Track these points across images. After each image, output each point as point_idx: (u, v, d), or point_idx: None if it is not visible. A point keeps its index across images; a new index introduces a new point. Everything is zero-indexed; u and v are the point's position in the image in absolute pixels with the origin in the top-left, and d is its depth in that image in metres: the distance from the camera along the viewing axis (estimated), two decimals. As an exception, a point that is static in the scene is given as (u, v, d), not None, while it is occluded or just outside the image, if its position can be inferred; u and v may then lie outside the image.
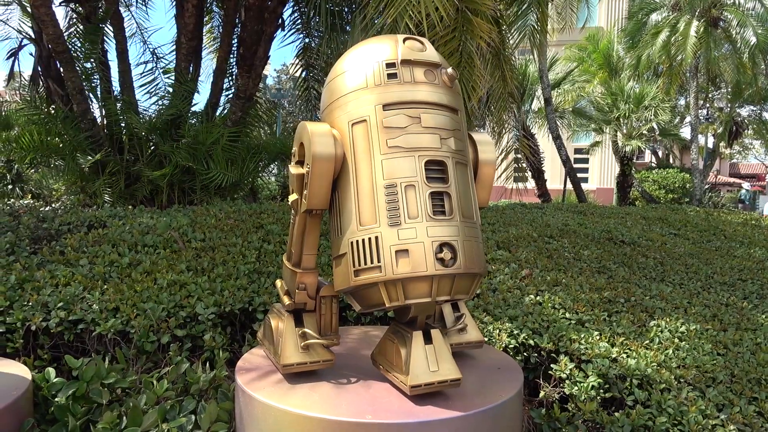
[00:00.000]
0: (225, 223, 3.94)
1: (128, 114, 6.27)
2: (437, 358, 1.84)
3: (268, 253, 3.35)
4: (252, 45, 6.49)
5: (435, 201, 1.77)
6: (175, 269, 3.04)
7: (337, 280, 1.93)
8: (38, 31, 7.06)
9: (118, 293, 2.72)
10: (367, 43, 1.99)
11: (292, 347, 2.02)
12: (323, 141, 1.83)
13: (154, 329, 2.52)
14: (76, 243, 3.42)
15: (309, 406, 1.77)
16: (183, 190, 6.26)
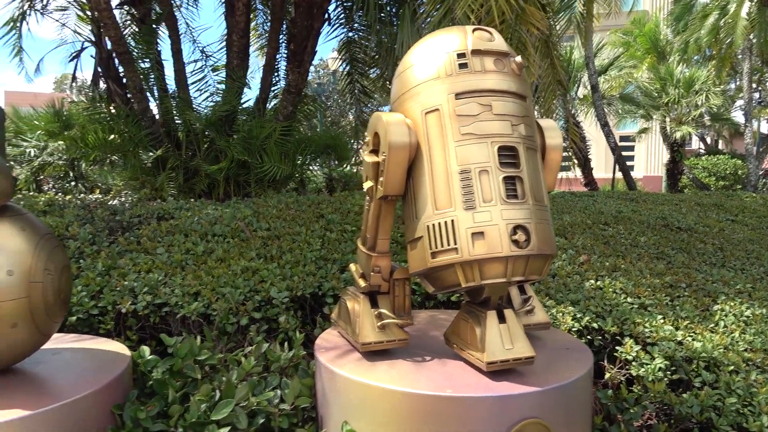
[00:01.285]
0: (286, 213, 4.09)
1: (185, 111, 6.51)
2: (511, 337, 1.92)
3: (331, 241, 3.47)
4: (302, 41, 6.65)
5: (508, 185, 1.84)
6: (245, 257, 3.19)
7: (412, 262, 2.02)
8: (98, 34, 7.38)
9: (196, 279, 2.88)
10: (435, 35, 2.07)
11: (369, 327, 2.13)
12: (398, 130, 1.92)
13: (233, 312, 2.67)
14: (150, 233, 3.62)
15: (390, 381, 1.88)
16: (238, 184, 6.47)
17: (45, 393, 1.83)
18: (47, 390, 1.87)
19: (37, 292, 1.86)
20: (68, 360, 2.14)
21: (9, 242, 1.83)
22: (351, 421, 1.92)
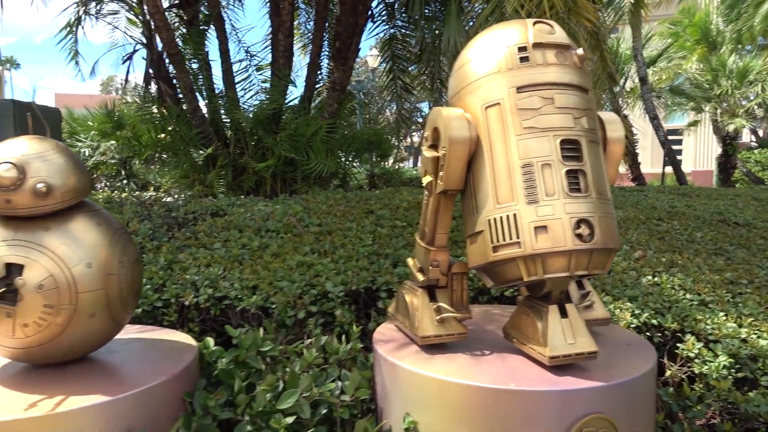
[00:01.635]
0: (336, 209, 4.14)
1: (233, 110, 6.65)
2: (574, 332, 1.90)
3: (382, 237, 3.51)
4: (347, 38, 6.71)
5: (570, 179, 1.83)
6: (299, 251, 3.25)
7: (472, 256, 2.03)
8: (149, 36, 7.62)
9: (254, 273, 2.96)
10: (494, 29, 2.07)
11: (428, 321, 2.15)
12: (458, 125, 1.93)
13: (291, 305, 2.73)
14: (206, 229, 3.73)
15: (452, 374, 1.89)
16: (285, 180, 6.58)
17: (122, 380, 1.92)
18: (123, 377, 1.95)
19: (113, 284, 1.94)
20: (139, 349, 2.23)
21: (87, 236, 1.92)
22: (412, 413, 1.94)
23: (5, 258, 1.79)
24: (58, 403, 1.71)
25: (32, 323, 1.80)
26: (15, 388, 1.84)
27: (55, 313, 1.82)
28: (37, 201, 1.82)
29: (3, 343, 1.85)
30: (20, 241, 1.82)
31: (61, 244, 1.85)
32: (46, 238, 1.85)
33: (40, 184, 1.81)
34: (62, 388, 1.83)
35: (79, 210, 1.98)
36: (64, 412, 1.69)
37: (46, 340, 1.85)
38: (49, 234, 1.86)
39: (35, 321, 1.80)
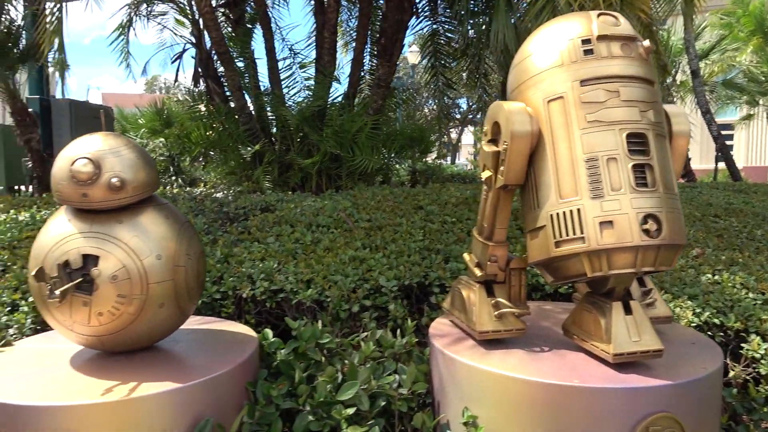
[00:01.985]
0: (384, 204, 4.17)
1: (279, 107, 6.75)
2: (638, 329, 1.87)
3: (433, 232, 3.51)
4: (393, 34, 6.72)
5: (637, 173, 1.80)
6: (351, 246, 3.29)
7: (532, 252, 2.02)
8: (198, 36, 7.79)
9: (308, 267, 3.00)
10: (556, 22, 2.04)
11: (486, 316, 2.15)
12: (520, 119, 1.92)
13: (345, 299, 2.76)
14: (259, 224, 3.80)
15: (512, 369, 1.88)
16: (330, 177, 6.64)
17: (189, 369, 1.98)
18: (190, 366, 2.02)
19: (181, 276, 2.01)
20: (203, 339, 2.30)
21: (156, 229, 1.99)
22: (471, 407, 1.94)
23: (82, 249, 1.87)
24: (132, 389, 1.78)
25: (106, 312, 1.88)
26: (89, 374, 1.93)
27: (128, 302, 1.89)
28: (111, 195, 1.89)
29: (78, 331, 1.93)
30: (95, 233, 1.90)
31: (133, 237, 1.92)
32: (119, 230, 1.92)
33: (114, 179, 1.88)
34: (133, 374, 1.90)
35: (148, 204, 2.05)
36: (138, 397, 1.75)
37: (119, 328, 1.93)
38: (121, 227, 1.93)
39: (109, 310, 1.88)
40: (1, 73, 6.42)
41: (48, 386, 1.84)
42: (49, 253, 1.88)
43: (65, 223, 1.93)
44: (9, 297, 2.93)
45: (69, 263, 1.86)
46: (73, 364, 2.03)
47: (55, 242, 1.89)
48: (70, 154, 1.90)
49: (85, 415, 1.71)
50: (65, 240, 1.89)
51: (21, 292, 3.00)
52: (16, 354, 2.17)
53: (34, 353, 2.17)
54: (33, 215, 4.35)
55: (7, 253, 3.60)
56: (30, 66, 7.98)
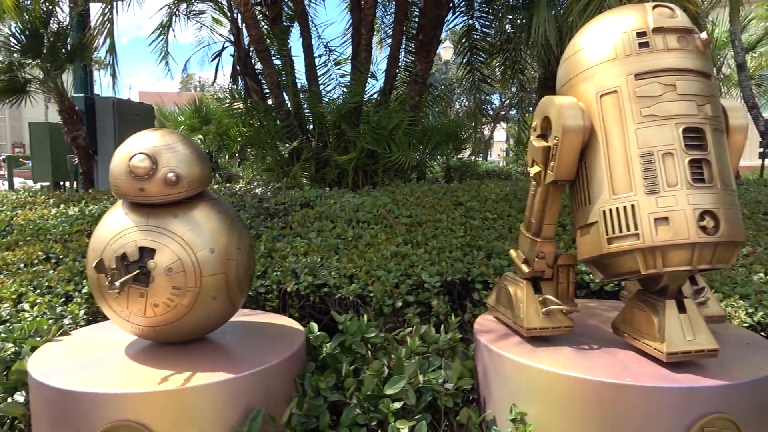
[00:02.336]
0: (424, 200, 4.17)
1: (316, 104, 6.80)
2: (693, 328, 1.83)
3: (474, 228, 3.50)
4: (430, 30, 6.70)
5: (694, 168, 1.76)
6: (392, 242, 3.30)
7: (583, 248, 1.99)
8: (236, 34, 7.90)
9: (351, 262, 3.03)
10: (609, 15, 2.01)
11: (533, 313, 2.13)
12: (572, 114, 1.90)
13: (388, 294, 2.78)
14: (300, 219, 3.85)
15: (562, 366, 1.87)
16: (366, 173, 6.67)
17: (240, 360, 2.02)
18: (241, 357, 2.06)
19: (232, 269, 2.05)
20: (251, 332, 2.34)
21: (209, 223, 2.04)
22: (519, 404, 1.93)
23: (139, 242, 1.92)
24: (187, 379, 1.82)
25: (162, 303, 1.93)
26: (145, 363, 1.98)
27: (182, 294, 1.94)
28: (167, 189, 1.94)
29: (134, 321, 1.99)
30: (151, 227, 1.96)
31: (187, 230, 1.97)
32: (174, 224, 1.97)
33: (170, 174, 1.93)
34: (187, 365, 1.95)
35: (201, 198, 2.09)
36: (193, 387, 1.80)
37: (173, 319, 1.98)
38: (176, 220, 1.98)
39: (164, 301, 1.93)
40: (51, 72, 6.64)
41: (106, 374, 1.91)
42: (107, 246, 1.94)
43: (123, 217, 1.99)
44: (63, 288, 3.03)
45: (126, 255, 1.92)
46: (128, 354, 2.09)
47: (113, 235, 1.95)
48: (128, 150, 1.96)
49: (142, 403, 1.77)
50: (123, 233, 1.95)
51: (74, 283, 3.10)
52: (74, 343, 2.24)
53: (91, 342, 2.25)
54: (82, 210, 4.50)
55: (59, 246, 3.73)
56: (75, 65, 8.23)
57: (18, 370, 2.06)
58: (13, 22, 6.28)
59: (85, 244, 3.68)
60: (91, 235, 3.95)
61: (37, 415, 1.94)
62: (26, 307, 2.81)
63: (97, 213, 4.31)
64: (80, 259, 3.44)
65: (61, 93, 6.98)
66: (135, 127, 9.16)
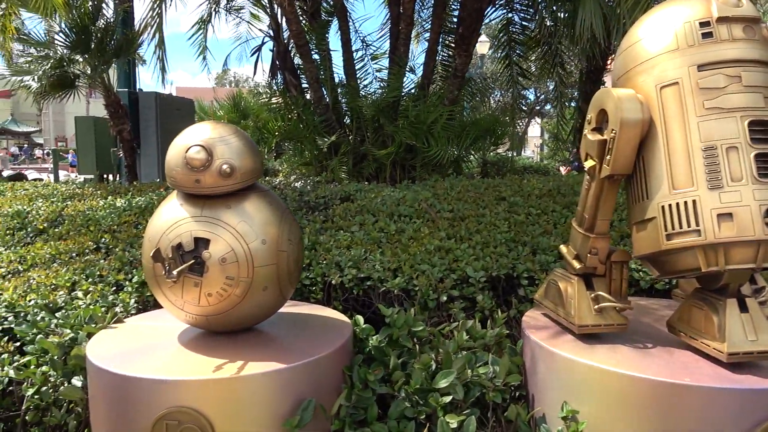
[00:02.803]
0: (466, 195, 4.14)
1: (355, 99, 6.82)
2: (755, 328, 1.77)
3: (518, 224, 3.46)
4: (471, 24, 6.64)
5: (760, 163, 1.70)
6: (435, 236, 3.29)
7: (639, 244, 1.94)
8: (276, 29, 7.98)
9: (394, 256, 3.03)
10: (669, 5, 1.95)
11: (586, 309, 2.09)
12: (631, 106, 1.85)
13: (433, 288, 2.77)
14: (341, 212, 3.86)
15: (618, 364, 1.83)
16: (404, 168, 6.66)
17: (290, 350, 2.04)
18: (291, 348, 2.08)
19: (283, 260, 2.07)
20: (299, 323, 2.37)
21: (261, 215, 2.06)
22: (571, 402, 1.90)
23: (194, 232, 1.96)
24: (240, 368, 1.85)
25: (215, 293, 1.96)
26: (197, 351, 2.02)
27: (235, 284, 1.96)
28: (221, 180, 1.97)
29: (188, 310, 2.03)
30: (206, 218, 1.99)
31: (240, 221, 2.00)
32: (227, 215, 2.00)
33: (225, 165, 1.95)
34: (239, 354, 1.98)
35: (252, 190, 2.12)
36: (246, 375, 1.83)
37: (225, 309, 2.01)
38: (230, 212, 2.01)
39: (218, 291, 1.96)
40: (99, 68, 6.82)
41: (162, 361, 1.95)
42: (163, 236, 1.98)
43: (178, 208, 2.03)
44: (114, 277, 3.11)
45: (182, 245, 1.95)
46: (181, 341, 2.14)
47: (169, 225, 1.99)
48: (184, 142, 1.99)
49: (197, 390, 1.80)
50: (178, 223, 1.99)
51: (124, 273, 3.18)
52: (128, 330, 2.30)
53: (144, 330, 2.30)
54: (129, 202, 4.61)
55: (109, 236, 3.83)
56: (120, 61, 8.44)
57: (77, 356, 2.12)
58: (63, 19, 6.47)
59: (133, 235, 3.77)
60: (138, 226, 4.06)
61: (94, 399, 2.00)
62: (80, 295, 2.89)
63: (143, 205, 4.42)
64: (129, 249, 3.53)
65: (107, 87, 7.17)
66: (176, 120, 9.36)
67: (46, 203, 5.27)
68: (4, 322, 2.68)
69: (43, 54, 6.78)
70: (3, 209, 5.04)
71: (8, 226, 4.31)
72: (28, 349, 2.29)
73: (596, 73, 8.30)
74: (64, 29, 6.68)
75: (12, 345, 2.42)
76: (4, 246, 3.98)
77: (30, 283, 3.10)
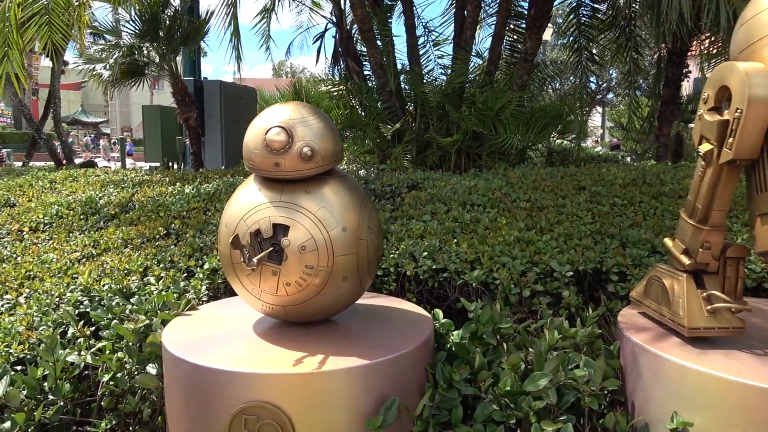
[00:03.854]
0: (542, 184, 3.92)
1: (419, 85, 6.65)
2: None
3: (603, 215, 3.22)
4: (543, 6, 6.34)
5: None
6: (514, 227, 3.10)
7: (763, 239, 1.72)
8: (339, 15, 7.89)
9: (471, 247, 2.87)
10: None
11: (696, 310, 1.88)
12: (762, 81, 1.62)
13: (514, 282, 2.60)
14: (411, 201, 3.73)
15: (740, 374, 1.62)
16: (469, 156, 6.45)
17: (370, 345, 1.92)
18: (371, 342, 1.96)
19: (363, 249, 1.95)
20: (376, 315, 2.25)
21: (341, 201, 1.94)
22: (681, 412, 1.70)
23: (273, 218, 1.86)
24: (321, 363, 1.75)
25: (294, 282, 1.87)
26: (275, 343, 1.93)
27: (314, 274, 1.86)
28: (302, 164, 1.87)
29: (265, 300, 1.94)
30: (285, 203, 1.89)
31: (320, 208, 1.89)
32: (307, 201, 1.89)
33: (305, 148, 1.85)
34: (318, 347, 1.88)
35: (331, 175, 2.01)
36: (328, 371, 1.72)
37: (304, 299, 1.91)
38: (309, 197, 1.90)
39: (296, 280, 1.86)
40: (167, 55, 6.93)
41: (239, 351, 1.88)
42: (241, 222, 1.90)
43: (256, 193, 1.94)
44: (185, 263, 3.09)
45: (260, 232, 1.86)
46: (257, 331, 2.06)
47: (246, 211, 1.91)
48: (263, 123, 1.89)
49: (276, 384, 1.71)
50: (256, 209, 1.89)
51: (195, 259, 3.16)
52: (202, 318, 2.25)
53: (219, 318, 2.24)
54: (197, 188, 4.63)
55: (179, 222, 3.84)
56: (184, 52, 8.57)
57: (152, 343, 2.08)
58: (134, 6, 6.60)
59: (202, 221, 3.76)
60: (207, 212, 4.05)
61: (170, 388, 1.94)
62: (152, 281, 2.88)
63: (211, 191, 4.42)
64: (199, 235, 3.51)
65: (174, 75, 7.28)
66: (240, 109, 9.43)
67: (117, 189, 5.38)
68: (80, 306, 2.69)
69: (113, 43, 6.94)
70: (77, 195, 5.18)
71: (82, 211, 4.40)
72: (104, 334, 2.28)
73: (679, 56, 7.80)
74: (135, 18, 6.82)
75: (88, 329, 2.42)
76: (79, 230, 4.06)
77: (104, 267, 3.12)
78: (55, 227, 4.15)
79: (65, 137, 13.83)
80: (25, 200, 5.36)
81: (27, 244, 3.83)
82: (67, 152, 13.30)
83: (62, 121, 15.61)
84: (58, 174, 6.72)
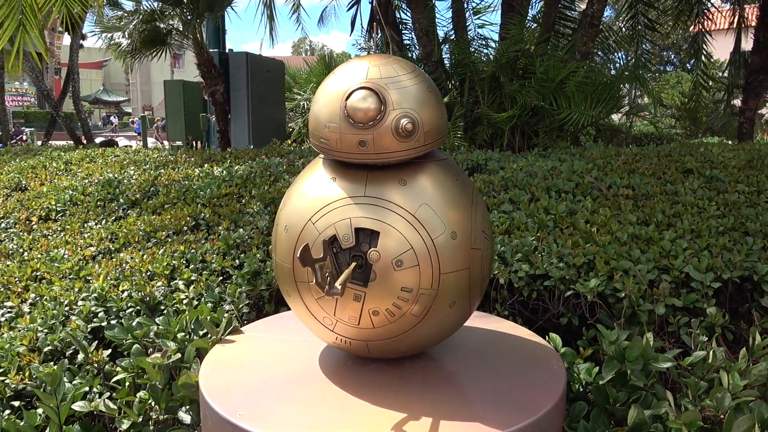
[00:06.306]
0: (636, 166, 3.30)
1: (468, 54, 5.99)
2: None
3: (735, 207, 2.60)
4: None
5: None
6: (622, 220, 2.50)
7: None
8: (377, -21, 7.22)
9: (576, 246, 2.28)
10: None
11: None
12: None
13: (642, 294, 2.01)
14: (482, 187, 3.14)
15: None
16: (524, 134, 5.81)
17: (496, 400, 1.36)
18: (492, 393, 1.40)
19: (476, 262, 1.39)
20: (481, 347, 1.68)
21: (447, 196, 1.37)
22: None
23: (356, 221, 1.30)
24: None
25: (384, 311, 1.31)
26: (359, 396, 1.38)
27: (413, 299, 1.31)
28: (397, 143, 1.30)
29: (341, 332, 1.39)
30: (371, 199, 1.33)
31: (421, 205, 1.32)
32: (402, 195, 1.33)
33: (404, 120, 1.27)
34: (418, 401, 1.33)
35: (431, 159, 1.43)
36: (443, 447, 1.17)
37: (395, 333, 1.36)
38: (405, 190, 1.34)
39: (388, 308, 1.31)
40: (192, 22, 6.36)
41: (309, 409, 1.33)
42: (308, 225, 1.34)
43: (328, 183, 1.38)
44: (219, 264, 2.57)
45: (337, 239, 1.31)
46: (327, 372, 1.51)
47: (316, 210, 1.35)
48: (342, 85, 1.32)
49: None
50: (330, 207, 1.34)
51: (231, 258, 2.63)
52: (249, 347, 1.70)
53: (270, 348, 1.69)
54: (229, 171, 4.09)
55: (208, 211, 3.31)
56: (209, 20, 7.98)
57: (187, 385, 1.54)
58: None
59: (237, 210, 3.23)
60: (241, 199, 3.51)
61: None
62: (181, 286, 2.36)
63: (245, 174, 3.88)
64: (234, 228, 2.98)
65: (200, 45, 6.71)
66: (267, 83, 8.82)
67: (138, 171, 4.88)
68: (95, 319, 2.18)
69: (134, 9, 6.39)
70: (94, 177, 4.69)
71: (99, 196, 3.90)
72: (123, 364, 1.75)
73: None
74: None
75: (102, 352, 1.91)
76: (95, 219, 3.57)
77: (123, 267, 2.61)
78: (68, 216, 3.66)
79: (85, 116, 13.41)
80: (38, 184, 4.88)
81: (36, 236, 3.34)
82: (87, 131, 12.90)
83: (83, 100, 15.22)
84: (74, 154, 6.25)
